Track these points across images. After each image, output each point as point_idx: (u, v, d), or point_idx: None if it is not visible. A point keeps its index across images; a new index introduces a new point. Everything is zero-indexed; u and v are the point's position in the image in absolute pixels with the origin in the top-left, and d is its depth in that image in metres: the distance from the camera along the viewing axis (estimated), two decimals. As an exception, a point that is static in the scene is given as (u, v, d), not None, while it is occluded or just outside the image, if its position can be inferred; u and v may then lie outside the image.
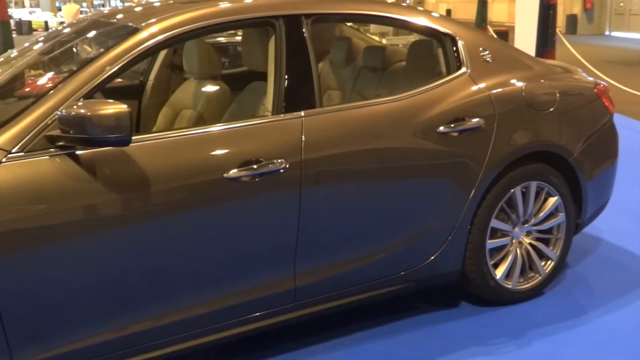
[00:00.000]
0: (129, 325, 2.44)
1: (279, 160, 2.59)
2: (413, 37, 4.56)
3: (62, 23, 24.11)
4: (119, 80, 3.81)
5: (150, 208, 2.39)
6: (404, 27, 3.40)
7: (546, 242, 3.39)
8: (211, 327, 2.63)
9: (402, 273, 3.02)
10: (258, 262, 2.66)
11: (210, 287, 2.58)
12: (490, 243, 3.20)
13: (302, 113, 2.72)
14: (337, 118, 2.82)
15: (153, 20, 2.63)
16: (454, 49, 3.19)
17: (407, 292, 3.15)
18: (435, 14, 3.35)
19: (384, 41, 7.50)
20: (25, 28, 32.03)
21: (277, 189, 2.61)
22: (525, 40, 9.28)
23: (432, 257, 3.06)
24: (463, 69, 3.16)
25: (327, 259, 2.81)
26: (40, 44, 3.24)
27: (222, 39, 5.78)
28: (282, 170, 2.59)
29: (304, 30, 2.83)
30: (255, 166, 2.55)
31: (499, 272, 3.25)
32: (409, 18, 3.20)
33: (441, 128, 2.97)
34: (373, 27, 9.74)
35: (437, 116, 2.98)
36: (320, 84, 2.86)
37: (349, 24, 4.31)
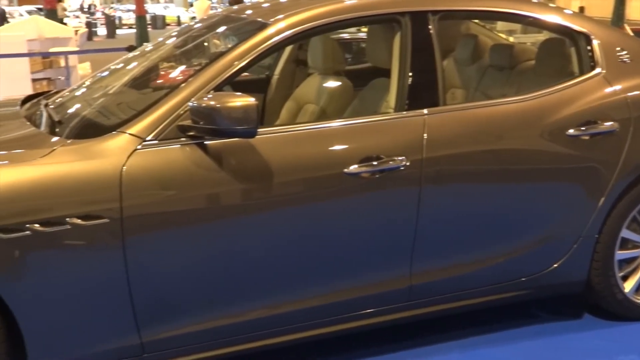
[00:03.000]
0: (246, 312, 2.52)
1: (400, 158, 2.58)
2: (543, 36, 4.38)
3: (193, 18, 25.20)
4: (246, 74, 3.92)
5: (271, 199, 2.45)
6: (534, 24, 3.28)
7: (683, 256, 3.16)
8: (325, 320, 2.66)
9: (523, 279, 2.92)
10: (374, 258, 2.66)
11: (325, 280, 2.61)
12: (620, 254, 3.03)
13: (425, 111, 2.69)
14: (461, 117, 2.77)
15: (281, 16, 2.69)
16: (588, 48, 3.04)
17: (527, 299, 3.05)
18: (568, 11, 3.21)
19: (511, 39, 7.26)
20: (160, 22, 33.82)
21: (397, 186, 2.60)
22: (667, 40, 8.65)
23: (556, 265, 2.94)
24: (597, 70, 3.00)
25: (445, 260, 2.77)
26: (174, 39, 3.39)
27: (345, 35, 5.82)
28: (402, 168, 2.58)
29: (430, 27, 2.79)
30: (375, 162, 2.54)
31: (628, 286, 3.07)
32: (540, 15, 3.08)
33: (571, 131, 2.84)
34: (500, 25, 9.45)
35: (567, 118, 2.85)
36: (445, 82, 2.82)
37: (475, 21, 4.21)
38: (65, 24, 24.61)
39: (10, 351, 2.27)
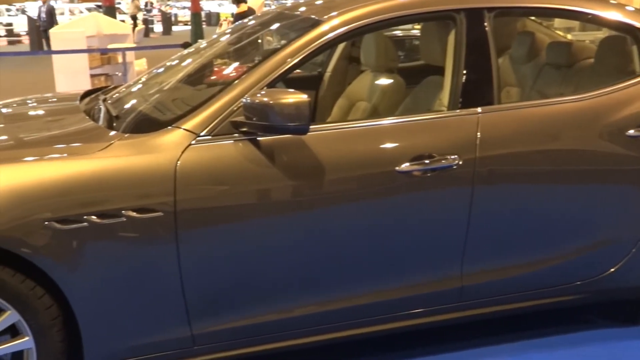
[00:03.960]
0: (295, 308, 2.53)
1: (453, 157, 2.55)
2: (602, 33, 4.26)
3: (247, 15, 25.37)
4: (298, 71, 3.93)
5: (322, 196, 2.45)
6: (593, 22, 3.18)
7: None
8: (374, 319, 2.65)
9: (578, 283, 2.85)
10: (425, 258, 2.64)
11: (374, 278, 2.60)
12: (681, 259, 2.93)
13: (479, 109, 2.66)
14: (516, 116, 2.72)
15: (334, 13, 2.68)
16: (651, 46, 2.94)
17: (582, 304, 2.98)
18: (629, 8, 3.11)
19: (569, 37, 7.09)
20: (214, 19, 34.26)
21: (449, 185, 2.57)
22: None
23: (612, 269, 2.86)
24: (660, 68, 2.90)
25: (497, 261, 2.72)
26: (228, 36, 3.42)
27: (398, 32, 5.78)
28: (454, 167, 2.55)
29: (485, 24, 2.75)
30: (427, 161, 2.52)
31: (689, 292, 2.96)
32: (600, 12, 2.99)
33: (631, 131, 2.76)
34: (557, 22, 9.25)
35: (627, 118, 2.77)
36: (499, 80, 2.77)
37: (532, 17, 4.13)
38: (137, 20, 25.50)
39: (66, 338, 2.34)
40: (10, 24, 29.43)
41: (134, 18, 25.97)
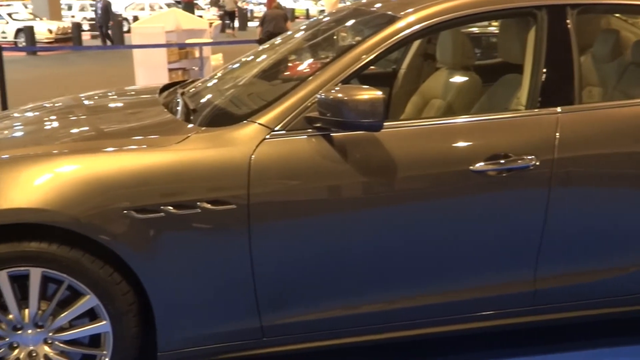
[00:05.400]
0: (363, 305, 2.53)
1: (530, 157, 2.49)
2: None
3: (322, 11, 25.54)
4: (373, 67, 3.91)
5: (395, 193, 2.44)
6: (684, 19, 3.05)
7: None
8: (443, 319, 2.62)
9: (659, 292, 2.74)
10: (498, 259, 2.59)
11: (445, 278, 2.57)
12: None
13: (559, 109, 2.58)
14: (597, 117, 2.63)
15: (411, 9, 2.66)
16: None
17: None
18: None
19: (656, 35, 6.79)
20: (289, 15, 34.53)
21: (525, 186, 2.51)
22: None
23: (697, 279, 2.73)
24: None
25: (573, 265, 2.64)
26: (303, 32, 3.44)
27: (475, 29, 5.67)
28: (531, 167, 2.49)
29: (568, 21, 2.67)
30: (503, 161, 2.47)
31: None
32: (692, 9, 2.86)
33: None
34: (643, 19, 8.85)
35: None
36: (581, 80, 2.68)
37: (617, 15, 3.97)
38: (234, 13, 25.84)
39: (141, 323, 2.41)
40: (93, 19, 30.52)
41: (232, 14, 26.20)
